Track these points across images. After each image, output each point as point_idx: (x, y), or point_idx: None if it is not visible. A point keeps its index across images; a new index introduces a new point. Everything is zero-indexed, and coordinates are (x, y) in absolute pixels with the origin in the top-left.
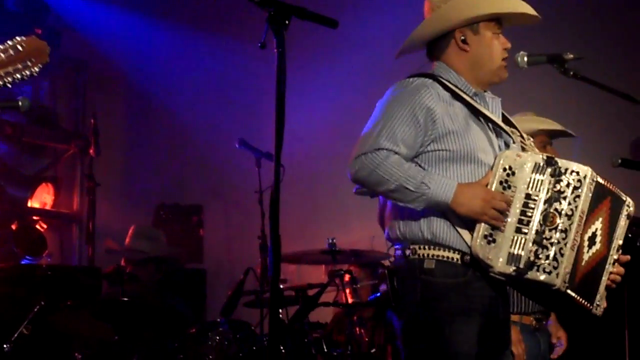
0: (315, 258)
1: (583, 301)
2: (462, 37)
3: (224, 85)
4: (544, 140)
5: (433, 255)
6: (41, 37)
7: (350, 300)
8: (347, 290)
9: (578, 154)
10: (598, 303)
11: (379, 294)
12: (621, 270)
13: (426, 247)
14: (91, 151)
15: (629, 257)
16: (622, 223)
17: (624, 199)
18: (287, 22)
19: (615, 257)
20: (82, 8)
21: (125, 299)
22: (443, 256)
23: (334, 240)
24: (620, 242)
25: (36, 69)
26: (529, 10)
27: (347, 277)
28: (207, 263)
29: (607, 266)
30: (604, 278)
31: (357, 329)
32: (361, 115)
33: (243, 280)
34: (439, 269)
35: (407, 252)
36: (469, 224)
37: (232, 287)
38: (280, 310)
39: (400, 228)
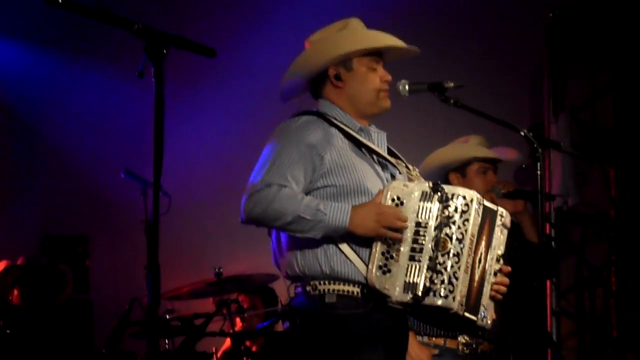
0: (201, 290)
1: (473, 318)
2: (336, 74)
3: (108, 114)
4: (484, 166)
5: (334, 290)
6: None
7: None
8: (236, 319)
9: None
10: (483, 315)
11: (267, 323)
12: (505, 280)
13: (326, 282)
14: None
15: (509, 268)
16: (499, 233)
17: (496, 209)
18: (164, 51)
19: (497, 267)
20: None
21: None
22: (343, 290)
23: (221, 270)
24: (500, 252)
25: None
26: (399, 43)
27: (234, 307)
28: (93, 294)
29: (487, 276)
30: (486, 289)
31: (245, 359)
32: (246, 142)
33: (128, 310)
34: (340, 302)
35: (308, 288)
36: (365, 254)
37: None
38: (167, 341)
39: (299, 265)
